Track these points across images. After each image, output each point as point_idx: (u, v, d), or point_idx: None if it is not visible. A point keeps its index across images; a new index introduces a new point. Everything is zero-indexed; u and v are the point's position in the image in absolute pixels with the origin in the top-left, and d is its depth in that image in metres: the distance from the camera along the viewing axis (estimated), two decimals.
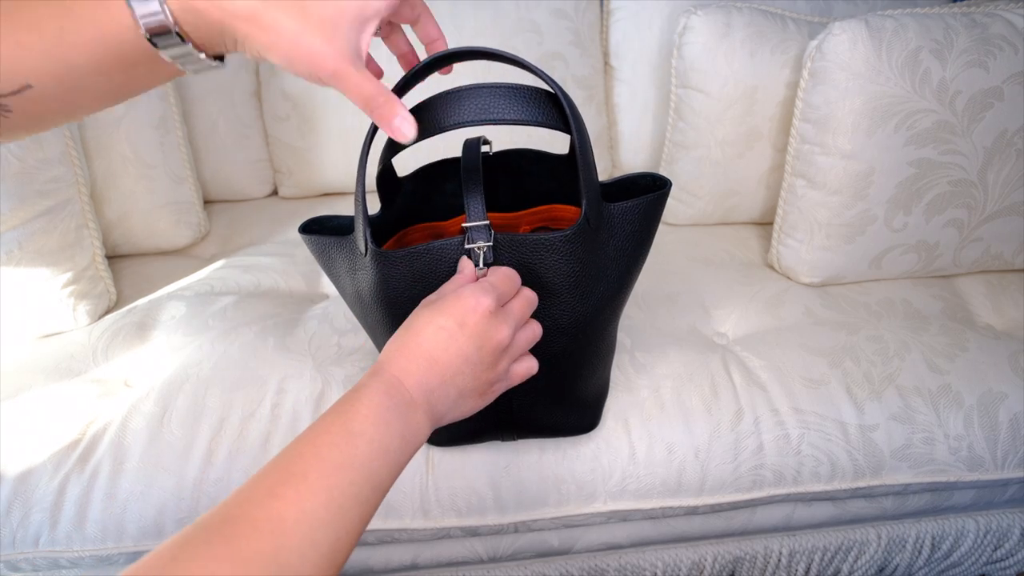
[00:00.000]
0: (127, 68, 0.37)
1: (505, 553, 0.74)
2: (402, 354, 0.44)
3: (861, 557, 0.80)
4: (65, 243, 0.76)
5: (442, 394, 0.44)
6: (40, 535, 0.62)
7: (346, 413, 0.40)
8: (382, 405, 0.41)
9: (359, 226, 0.50)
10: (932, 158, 0.78)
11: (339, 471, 0.37)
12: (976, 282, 0.91)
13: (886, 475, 0.71)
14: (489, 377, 0.46)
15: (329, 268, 0.58)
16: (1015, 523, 0.81)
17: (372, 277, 0.51)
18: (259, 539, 0.32)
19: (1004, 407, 0.73)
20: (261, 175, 1.12)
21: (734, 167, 0.95)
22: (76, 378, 0.72)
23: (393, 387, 0.42)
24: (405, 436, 0.41)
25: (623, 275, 0.54)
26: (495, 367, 0.46)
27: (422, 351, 0.43)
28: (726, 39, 0.88)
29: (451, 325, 0.44)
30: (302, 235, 0.58)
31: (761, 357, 0.76)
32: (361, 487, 0.37)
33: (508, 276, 0.48)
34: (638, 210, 0.52)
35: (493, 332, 0.45)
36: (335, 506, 0.36)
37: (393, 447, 0.40)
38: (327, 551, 0.35)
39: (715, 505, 0.70)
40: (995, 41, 0.76)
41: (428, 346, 0.44)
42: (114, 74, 0.37)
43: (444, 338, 0.44)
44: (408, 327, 0.45)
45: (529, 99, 0.46)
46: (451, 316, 0.44)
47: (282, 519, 0.33)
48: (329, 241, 0.56)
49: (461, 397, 0.45)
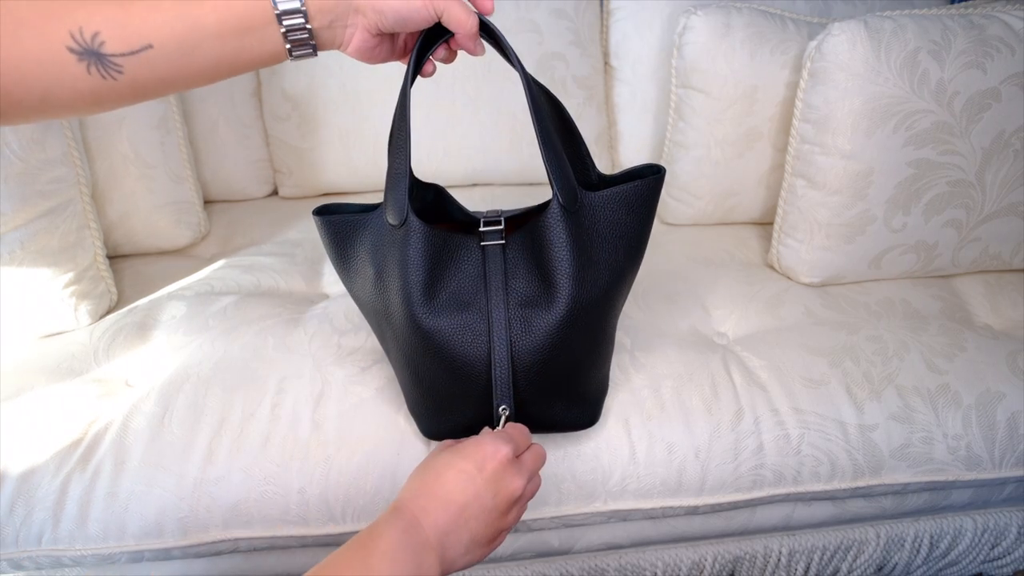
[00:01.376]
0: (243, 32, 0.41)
1: (505, 553, 0.74)
2: (421, 493, 0.45)
3: (860, 556, 0.81)
4: (67, 243, 0.76)
5: (456, 539, 0.44)
6: (43, 534, 0.63)
7: (365, 547, 0.40)
8: (400, 543, 0.41)
9: (401, 196, 0.53)
10: (931, 158, 0.79)
11: None
12: (974, 282, 0.91)
13: (885, 475, 0.71)
14: (500, 525, 0.47)
15: (345, 251, 0.60)
16: (1012, 521, 0.82)
17: (400, 250, 0.53)
18: None
19: (1002, 406, 0.73)
20: (261, 175, 1.12)
21: (734, 167, 0.95)
22: (77, 378, 0.72)
23: (411, 526, 0.42)
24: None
25: (616, 263, 0.56)
26: (506, 516, 0.47)
27: (441, 492, 0.44)
28: (726, 39, 0.89)
29: (471, 469, 0.45)
30: (316, 218, 0.59)
31: (761, 357, 0.76)
32: None
33: (522, 431, 0.52)
34: (619, 197, 0.56)
35: (509, 480, 0.46)
36: None
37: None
38: None
39: (715, 505, 0.70)
40: (993, 42, 0.76)
41: (448, 487, 0.45)
42: (229, 38, 0.41)
43: (463, 481, 0.45)
44: (428, 468, 0.46)
45: None
46: (471, 460, 0.45)
47: None
48: (355, 219, 0.58)
49: (473, 543, 0.45)
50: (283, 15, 0.41)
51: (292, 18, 0.41)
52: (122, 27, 0.38)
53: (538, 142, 0.51)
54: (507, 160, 1.08)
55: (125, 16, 0.38)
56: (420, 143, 1.05)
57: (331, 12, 0.43)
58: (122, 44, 0.38)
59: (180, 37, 0.39)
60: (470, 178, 1.10)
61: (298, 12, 0.41)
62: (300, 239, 0.99)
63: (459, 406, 0.59)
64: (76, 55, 0.37)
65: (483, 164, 1.08)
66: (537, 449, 0.52)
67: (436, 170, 1.06)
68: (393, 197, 0.54)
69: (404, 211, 0.53)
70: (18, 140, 0.70)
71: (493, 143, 1.06)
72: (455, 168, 1.07)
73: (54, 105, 0.39)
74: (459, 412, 0.60)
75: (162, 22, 0.38)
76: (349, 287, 0.63)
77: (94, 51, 0.38)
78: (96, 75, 0.38)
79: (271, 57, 0.43)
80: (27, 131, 0.70)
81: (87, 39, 0.37)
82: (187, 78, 0.42)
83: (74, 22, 0.37)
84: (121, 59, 0.38)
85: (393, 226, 0.54)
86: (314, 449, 0.66)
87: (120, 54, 0.38)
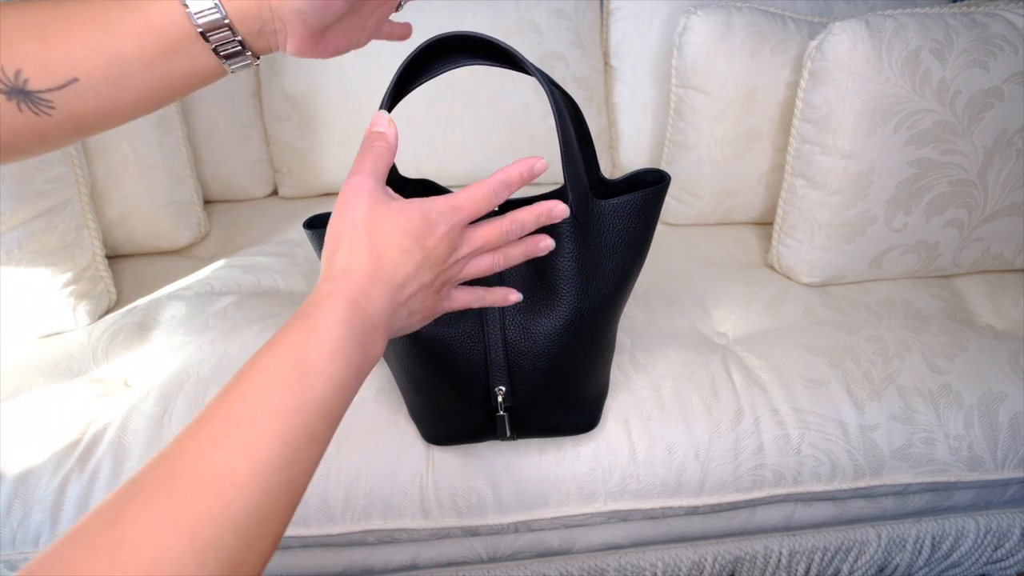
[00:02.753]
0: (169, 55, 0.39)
1: (505, 553, 0.74)
2: (363, 274, 0.40)
3: (861, 557, 0.80)
4: (65, 243, 0.76)
5: (397, 315, 0.42)
6: (40, 535, 0.62)
7: (298, 347, 0.36)
8: (341, 338, 0.37)
9: None
10: (932, 158, 0.78)
11: (292, 414, 0.34)
12: (976, 282, 0.91)
13: (886, 475, 0.71)
14: (435, 301, 0.45)
15: None
16: (1015, 523, 0.81)
17: None
18: (207, 495, 0.29)
19: (1004, 407, 0.73)
20: (261, 175, 1.12)
21: (734, 167, 0.95)
22: (76, 378, 0.72)
23: (355, 314, 0.39)
24: (361, 366, 0.39)
25: (621, 271, 0.55)
26: (439, 293, 0.45)
27: (384, 275, 0.41)
28: (726, 39, 0.88)
29: (412, 247, 0.41)
30: (307, 231, 0.58)
31: (761, 357, 0.76)
32: (316, 426, 0.35)
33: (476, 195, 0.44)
34: (629, 206, 0.54)
35: (448, 258, 0.43)
36: (289, 450, 0.33)
37: (350, 380, 0.37)
38: (282, 495, 0.32)
39: (715, 505, 0.70)
40: (995, 41, 0.76)
41: (390, 269, 0.41)
42: (156, 64, 0.39)
43: (406, 260, 0.41)
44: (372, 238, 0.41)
45: None
46: (412, 237, 0.41)
47: (232, 471, 0.30)
48: None
49: (411, 315, 0.44)
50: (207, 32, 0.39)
51: (218, 32, 0.39)
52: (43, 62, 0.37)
53: (560, 152, 0.49)
54: (507, 160, 1.07)
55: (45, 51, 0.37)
56: (420, 143, 1.05)
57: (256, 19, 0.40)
58: (46, 80, 0.38)
59: (104, 68, 0.38)
60: (470, 178, 1.10)
61: (222, 26, 0.39)
62: (300, 239, 0.99)
63: (460, 411, 0.59)
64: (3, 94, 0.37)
65: (483, 164, 1.08)
66: (496, 225, 0.45)
67: (436, 170, 1.06)
68: None
69: None
70: None
71: (493, 143, 1.06)
72: (455, 168, 1.07)
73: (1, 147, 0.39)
74: (461, 417, 0.60)
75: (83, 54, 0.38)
76: None
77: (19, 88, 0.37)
78: (28, 112, 0.38)
79: (209, 73, 0.42)
80: None
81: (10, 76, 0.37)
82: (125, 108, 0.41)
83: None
84: (48, 94, 0.38)
85: None
86: None
87: (46, 89, 0.38)
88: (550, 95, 0.48)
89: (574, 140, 0.52)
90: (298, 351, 0.36)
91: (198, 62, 0.40)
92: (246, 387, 0.34)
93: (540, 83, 0.48)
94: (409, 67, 0.49)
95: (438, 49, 0.49)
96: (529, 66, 0.48)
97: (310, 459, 0.35)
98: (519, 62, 0.48)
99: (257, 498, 0.31)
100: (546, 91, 0.48)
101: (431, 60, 0.50)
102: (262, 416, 0.33)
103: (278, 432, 0.33)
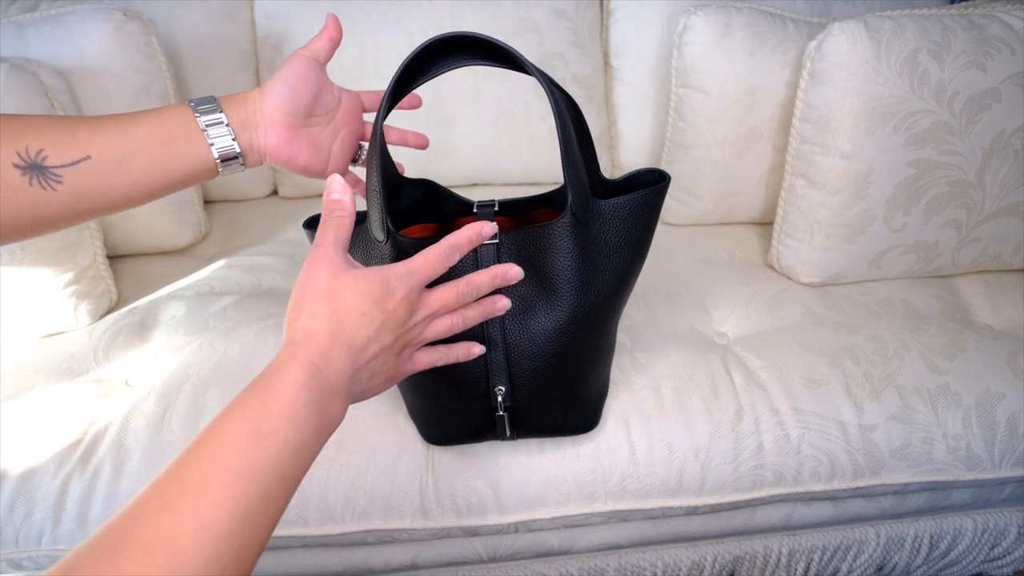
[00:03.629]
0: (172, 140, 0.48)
1: (505, 553, 0.74)
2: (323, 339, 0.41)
3: (860, 556, 0.81)
4: (66, 243, 0.76)
5: (358, 379, 0.43)
6: (43, 534, 0.63)
7: (256, 410, 0.36)
8: (299, 400, 0.37)
9: (377, 214, 0.51)
10: (931, 158, 0.79)
11: (245, 478, 0.33)
12: (974, 282, 0.91)
13: (885, 474, 0.71)
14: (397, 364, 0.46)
15: None
16: (1012, 521, 0.82)
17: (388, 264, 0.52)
18: (152, 562, 0.29)
19: (1002, 406, 0.73)
20: (261, 175, 1.12)
21: (734, 167, 0.95)
22: (77, 378, 0.72)
23: (313, 377, 0.39)
24: (320, 429, 0.39)
25: (621, 271, 0.55)
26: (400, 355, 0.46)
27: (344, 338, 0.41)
28: (726, 39, 0.88)
29: (372, 311, 0.42)
30: (307, 231, 0.58)
31: (761, 357, 0.76)
32: (269, 490, 0.34)
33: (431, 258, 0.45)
34: (629, 206, 0.54)
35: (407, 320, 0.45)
36: (239, 515, 0.33)
37: (308, 443, 0.37)
38: (231, 560, 0.32)
39: (715, 505, 0.70)
40: (993, 42, 0.76)
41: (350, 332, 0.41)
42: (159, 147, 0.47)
43: (365, 323, 0.42)
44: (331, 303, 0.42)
45: None
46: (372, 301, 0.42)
47: (179, 538, 0.30)
48: None
49: (373, 378, 0.45)
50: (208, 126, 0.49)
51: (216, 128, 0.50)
52: (65, 144, 0.44)
53: (560, 152, 0.49)
54: (507, 160, 1.08)
55: (69, 136, 0.44)
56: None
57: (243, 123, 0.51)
58: (63, 157, 0.44)
59: (115, 147, 0.46)
60: (470, 178, 1.10)
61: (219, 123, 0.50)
62: (300, 239, 0.99)
63: (460, 411, 0.59)
64: (20, 170, 0.43)
65: (483, 164, 1.08)
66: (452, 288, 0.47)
67: (436, 170, 1.06)
68: (371, 214, 0.53)
69: (384, 227, 0.51)
70: None
71: (493, 143, 1.06)
72: (455, 168, 1.07)
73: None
74: (460, 417, 0.60)
75: (101, 137, 0.45)
76: None
77: (37, 164, 0.43)
78: (37, 187, 0.43)
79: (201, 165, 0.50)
80: None
81: (32, 155, 0.43)
82: (123, 187, 0.47)
83: (21, 143, 0.43)
84: (61, 170, 0.44)
85: (379, 240, 0.53)
86: None
87: (60, 165, 0.44)
88: (550, 95, 0.48)
89: (574, 140, 0.52)
90: (256, 413, 0.36)
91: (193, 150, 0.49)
92: (201, 452, 0.34)
93: (540, 83, 0.48)
94: (409, 67, 0.49)
95: (438, 49, 0.49)
96: (529, 66, 0.48)
97: (262, 524, 0.34)
98: (519, 62, 0.48)
99: (203, 564, 0.31)
100: (546, 91, 0.48)
101: (431, 60, 0.50)
102: (214, 481, 0.33)
103: (229, 496, 0.33)
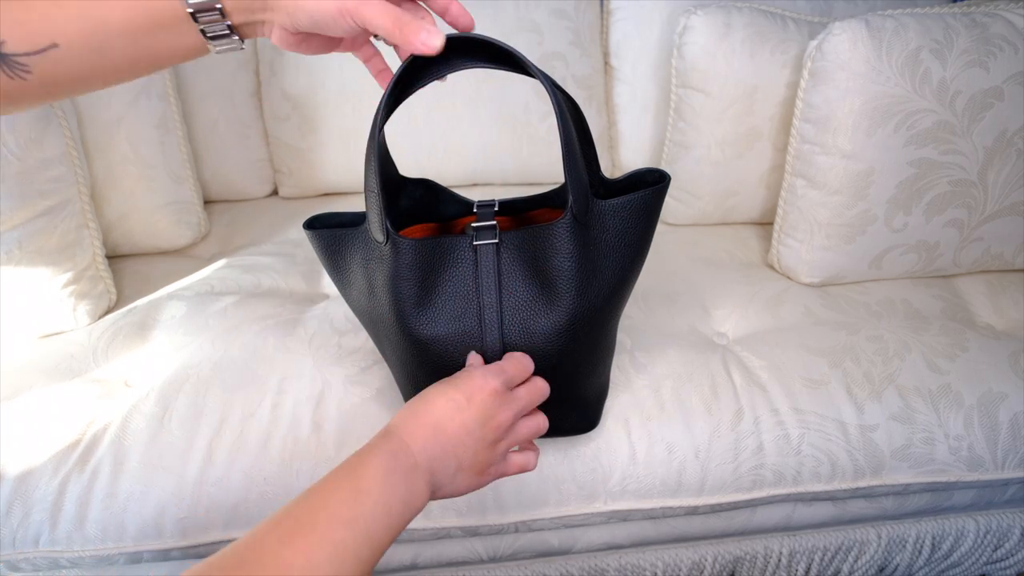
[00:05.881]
0: (155, 30, 0.40)
1: (505, 553, 0.74)
2: (412, 420, 0.46)
3: (861, 557, 0.80)
4: (65, 243, 0.76)
5: (443, 464, 0.46)
6: (40, 535, 0.62)
7: (355, 470, 0.42)
8: (388, 467, 0.42)
9: (376, 215, 0.51)
10: (932, 158, 0.78)
11: (346, 527, 0.39)
12: (976, 282, 0.91)
13: (886, 475, 0.71)
14: (487, 457, 0.49)
15: (337, 263, 0.58)
16: (1015, 523, 0.81)
17: (388, 265, 0.52)
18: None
19: (1004, 407, 0.73)
20: (261, 175, 1.12)
21: (734, 167, 0.95)
22: (76, 378, 0.72)
23: (400, 450, 0.44)
24: (407, 501, 0.43)
25: (621, 271, 0.55)
26: (494, 448, 0.49)
27: (430, 419, 0.46)
28: (726, 39, 0.88)
29: (460, 398, 0.47)
30: (307, 232, 0.58)
31: (761, 357, 0.76)
32: (362, 546, 0.39)
33: (518, 364, 0.51)
34: (629, 206, 0.54)
35: (497, 411, 0.48)
36: (337, 561, 0.37)
37: (395, 510, 0.42)
38: None
39: (715, 505, 0.70)
40: (995, 41, 0.76)
41: (437, 415, 0.46)
42: (140, 36, 0.40)
43: (452, 409, 0.46)
44: (421, 397, 0.48)
45: None
46: (461, 391, 0.47)
47: (290, 566, 0.36)
48: (343, 233, 0.57)
49: (460, 470, 0.47)
50: (197, 13, 0.40)
51: (208, 15, 0.40)
52: (22, 26, 0.38)
53: (562, 152, 0.49)
54: (507, 160, 1.08)
55: (26, 15, 0.38)
56: (420, 143, 1.05)
57: (247, 10, 0.42)
58: (25, 44, 0.38)
59: (86, 36, 0.39)
60: (470, 178, 1.10)
61: (213, 9, 0.40)
62: (300, 239, 0.99)
63: None
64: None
65: (483, 164, 1.08)
66: (537, 383, 0.52)
67: (436, 170, 1.06)
68: (370, 215, 0.53)
69: (384, 228, 0.51)
70: (16, 139, 0.69)
71: (493, 143, 1.06)
72: (455, 168, 1.07)
73: None
74: None
75: (65, 21, 0.38)
76: (345, 295, 0.62)
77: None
78: (3, 75, 0.38)
79: (192, 51, 0.43)
80: (25, 130, 0.70)
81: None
82: (104, 75, 0.41)
83: None
84: (25, 58, 0.38)
85: (379, 242, 0.53)
86: (314, 449, 0.66)
87: (23, 53, 0.38)
88: (552, 96, 0.48)
89: (575, 140, 0.52)
90: (355, 471, 0.42)
91: (183, 39, 0.41)
92: (313, 498, 0.40)
93: (543, 84, 0.48)
94: (409, 68, 0.49)
95: None
96: (531, 67, 0.48)
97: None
98: (521, 63, 0.48)
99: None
100: (548, 92, 0.48)
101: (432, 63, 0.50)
102: (321, 523, 0.38)
103: (332, 540, 0.38)
